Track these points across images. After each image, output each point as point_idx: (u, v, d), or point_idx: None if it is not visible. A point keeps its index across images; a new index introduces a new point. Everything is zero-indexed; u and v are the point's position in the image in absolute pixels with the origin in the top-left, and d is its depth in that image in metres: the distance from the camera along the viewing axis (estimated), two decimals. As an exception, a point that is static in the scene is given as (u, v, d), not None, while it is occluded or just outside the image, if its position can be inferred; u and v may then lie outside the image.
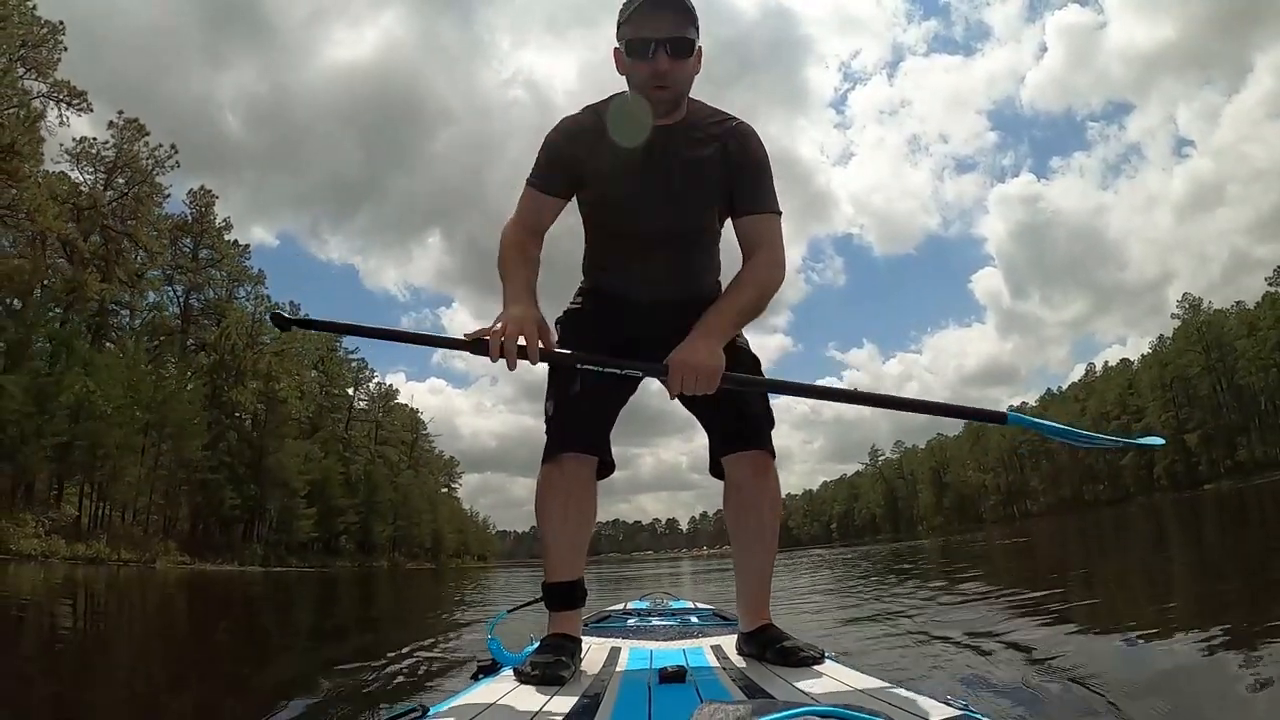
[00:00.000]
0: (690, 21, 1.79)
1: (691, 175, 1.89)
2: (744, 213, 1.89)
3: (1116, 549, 12.17)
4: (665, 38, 1.75)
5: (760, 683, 1.71)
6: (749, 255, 1.87)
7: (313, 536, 53.27)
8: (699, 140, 1.89)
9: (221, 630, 8.23)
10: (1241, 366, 68.85)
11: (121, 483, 36.24)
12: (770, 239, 1.88)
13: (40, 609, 9.67)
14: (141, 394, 37.31)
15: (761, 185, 1.90)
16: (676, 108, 1.85)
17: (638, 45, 1.76)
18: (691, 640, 2.59)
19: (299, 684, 3.87)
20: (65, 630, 7.37)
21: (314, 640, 7.13)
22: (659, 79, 1.76)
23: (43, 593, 13.21)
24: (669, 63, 1.76)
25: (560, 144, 1.91)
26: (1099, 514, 55.00)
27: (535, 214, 1.93)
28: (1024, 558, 14.10)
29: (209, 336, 52.52)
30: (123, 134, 46.96)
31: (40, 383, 29.86)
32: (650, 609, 4.12)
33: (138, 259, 47.84)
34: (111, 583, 19.97)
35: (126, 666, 4.96)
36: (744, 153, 1.89)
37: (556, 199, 1.94)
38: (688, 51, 1.79)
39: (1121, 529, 20.77)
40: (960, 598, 6.76)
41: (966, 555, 16.63)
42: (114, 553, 33.54)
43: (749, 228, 1.88)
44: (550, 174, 1.92)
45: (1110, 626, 4.20)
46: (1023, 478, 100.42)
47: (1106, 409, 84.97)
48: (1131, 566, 8.81)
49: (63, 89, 39.33)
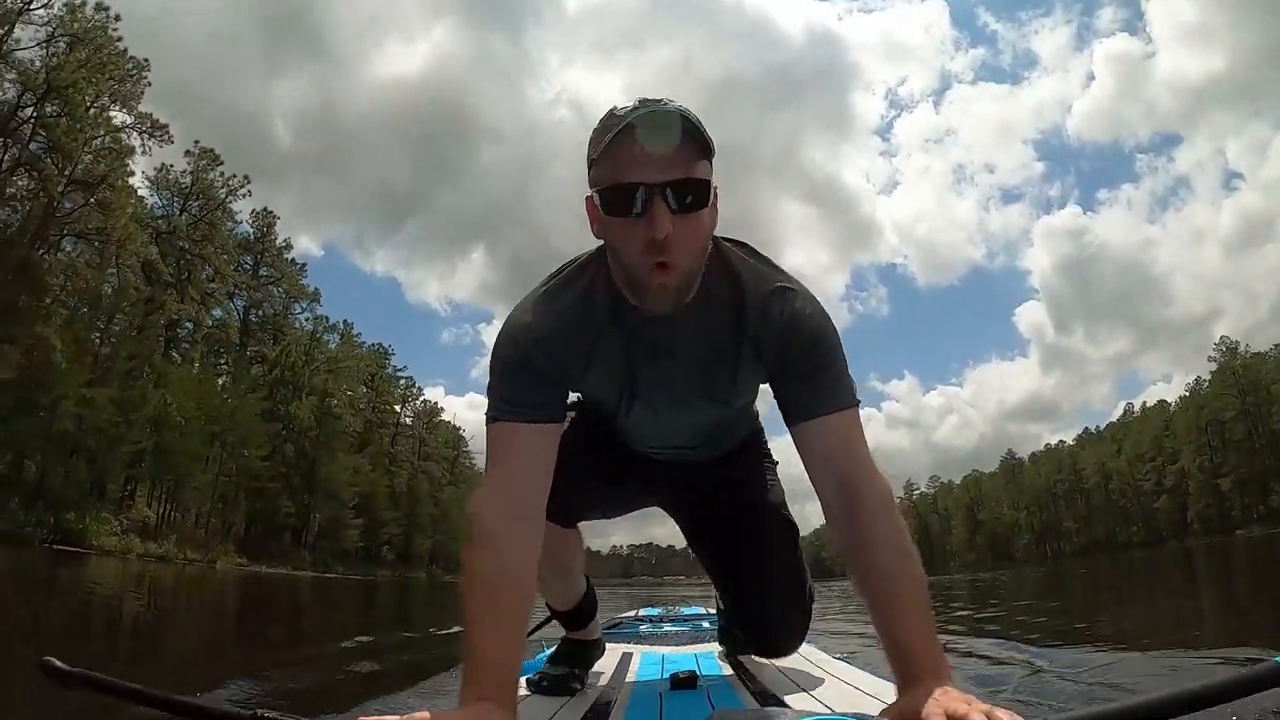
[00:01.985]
0: (702, 150, 1.14)
1: (715, 395, 1.44)
2: (803, 418, 1.28)
3: (1152, 590, 12.68)
4: (666, 181, 1.10)
5: (772, 689, 1.67)
6: (835, 491, 1.24)
7: (358, 545, 55.95)
8: (719, 328, 1.33)
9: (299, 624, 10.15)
10: (1277, 411, 68.06)
11: (189, 488, 39.06)
12: (858, 457, 1.26)
13: (141, 599, 11.87)
14: (210, 406, 40.24)
15: (828, 379, 1.28)
16: (687, 292, 1.22)
17: (621, 194, 1.13)
18: (703, 645, 2.60)
19: (329, 673, 4.48)
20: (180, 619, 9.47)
21: (354, 636, 7.65)
22: (657, 250, 1.12)
23: (131, 585, 15.44)
24: (673, 221, 1.10)
25: (532, 356, 1.28)
26: (1131, 556, 54.56)
27: (527, 466, 1.24)
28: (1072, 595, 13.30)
29: (267, 350, 55.75)
30: (198, 162, 50.53)
31: (125, 395, 32.70)
32: (662, 615, 4.15)
33: (205, 278, 51.29)
34: (182, 579, 22.45)
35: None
36: (792, 343, 1.29)
37: (554, 426, 1.29)
38: (702, 200, 1.14)
39: (1155, 573, 19.94)
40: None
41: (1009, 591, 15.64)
42: (180, 552, 36.32)
43: (818, 441, 1.27)
44: (533, 391, 1.27)
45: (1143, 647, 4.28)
46: (1056, 517, 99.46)
47: (1142, 450, 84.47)
48: (1164, 609, 8.83)
49: (145, 121, 42.74)
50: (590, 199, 1.22)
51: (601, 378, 1.40)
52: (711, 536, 1.94)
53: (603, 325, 1.33)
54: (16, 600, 9.34)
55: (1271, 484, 69.05)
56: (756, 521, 1.80)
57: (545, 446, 1.27)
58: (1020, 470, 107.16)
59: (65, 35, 35.86)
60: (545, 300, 1.33)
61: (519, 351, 1.28)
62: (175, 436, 36.56)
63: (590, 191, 1.22)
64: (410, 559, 65.22)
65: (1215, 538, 65.88)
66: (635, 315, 1.29)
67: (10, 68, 33.96)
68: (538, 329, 1.30)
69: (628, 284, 1.22)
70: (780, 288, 1.31)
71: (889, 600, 1.13)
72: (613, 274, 1.28)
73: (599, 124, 1.17)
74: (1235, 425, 72.17)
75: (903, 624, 1.10)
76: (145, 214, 44.34)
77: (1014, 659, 3.97)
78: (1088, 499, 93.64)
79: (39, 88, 34.36)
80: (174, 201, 48.89)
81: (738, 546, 1.84)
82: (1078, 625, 7.15)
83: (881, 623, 1.13)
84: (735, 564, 1.86)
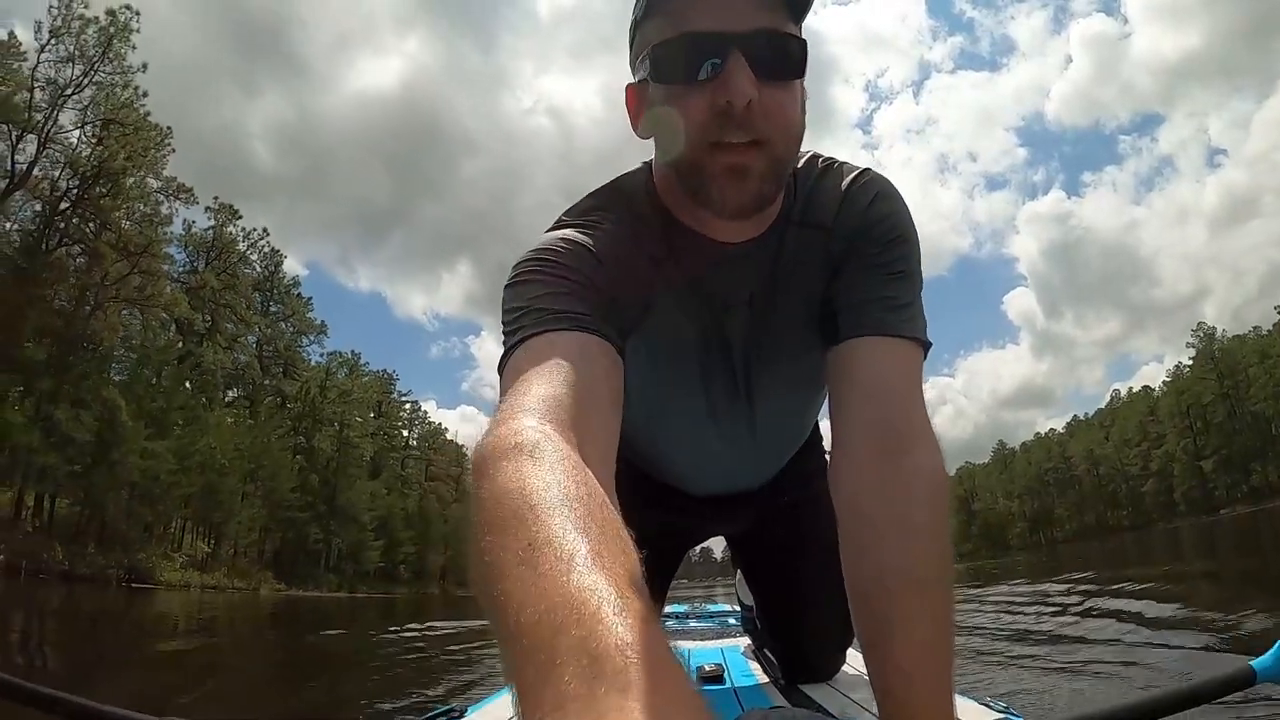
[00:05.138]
0: (796, 5, 0.82)
1: (799, 358, 1.04)
2: (857, 330, 0.92)
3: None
4: (748, 30, 0.79)
5: (800, 684, 1.62)
6: (872, 443, 0.86)
7: (378, 566, 60.32)
8: (809, 260, 0.98)
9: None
10: (1255, 392, 70.39)
11: (232, 522, 43.37)
12: (915, 406, 0.89)
13: (237, 626, 15.36)
14: (246, 447, 44.62)
15: (903, 292, 0.94)
16: (774, 190, 0.87)
17: (682, 49, 0.81)
18: (729, 640, 2.56)
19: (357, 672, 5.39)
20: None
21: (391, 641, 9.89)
22: (733, 125, 0.79)
23: (211, 614, 17.78)
24: (755, 87, 0.78)
25: (575, 265, 0.87)
26: (1122, 539, 55.16)
27: (578, 378, 0.73)
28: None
29: (283, 385, 59.77)
30: (218, 217, 54.74)
31: (179, 445, 37.06)
32: (689, 612, 4.04)
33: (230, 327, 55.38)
34: (246, 606, 25.37)
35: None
36: (872, 230, 0.96)
37: (615, 352, 0.82)
38: (796, 65, 0.83)
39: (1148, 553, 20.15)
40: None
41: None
42: (230, 582, 40.64)
43: (867, 369, 0.90)
44: (579, 304, 0.83)
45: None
46: (1048, 504, 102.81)
47: (1129, 436, 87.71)
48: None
49: (171, 184, 46.83)
50: (631, 87, 0.91)
51: (665, 339, 0.99)
52: (745, 565, 1.75)
53: (661, 261, 0.95)
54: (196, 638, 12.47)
55: (1252, 464, 71.62)
56: (807, 569, 1.45)
57: (611, 369, 0.80)
58: (1012, 460, 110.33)
59: (99, 119, 39.71)
60: (579, 221, 0.93)
61: (555, 257, 0.87)
62: (218, 478, 40.85)
63: (637, 71, 0.89)
64: (424, 576, 69.37)
65: (1201, 518, 68.82)
66: (705, 241, 0.94)
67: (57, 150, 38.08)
68: (584, 237, 0.90)
69: (688, 183, 0.85)
70: (867, 170, 1.00)
71: (907, 620, 0.78)
72: (664, 185, 0.94)
73: None
74: (1216, 408, 74.88)
75: (917, 661, 0.77)
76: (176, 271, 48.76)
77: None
78: (1079, 485, 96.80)
79: (90, 171, 38.40)
80: (198, 256, 53.34)
81: (780, 589, 1.60)
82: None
83: (884, 650, 0.79)
84: (775, 604, 1.66)
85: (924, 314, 0.95)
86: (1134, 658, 3.71)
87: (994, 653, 4.64)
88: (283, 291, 62.29)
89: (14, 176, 34.61)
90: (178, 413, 39.13)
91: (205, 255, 53.20)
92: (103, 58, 37.95)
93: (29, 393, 29.93)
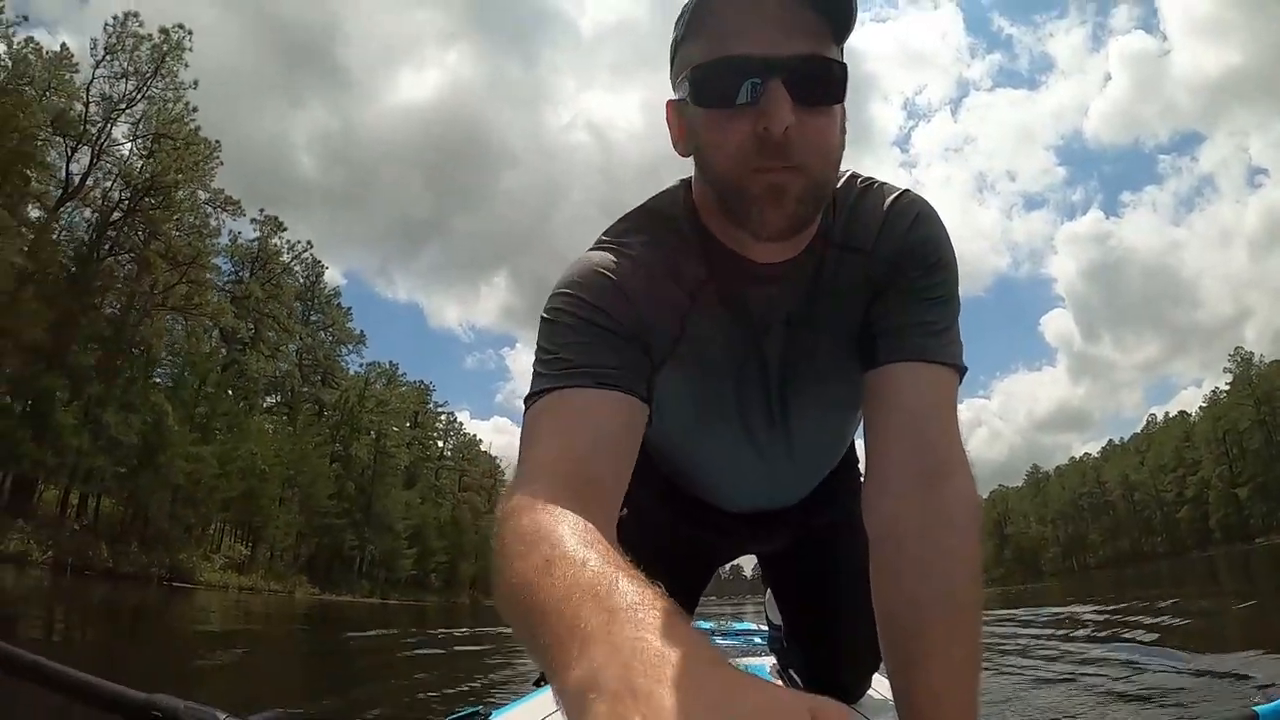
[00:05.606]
0: (839, 26, 0.83)
1: (835, 385, 1.05)
2: (896, 356, 0.94)
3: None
4: (788, 56, 0.80)
5: None
6: (909, 468, 0.89)
7: (410, 573, 61.01)
8: (849, 282, 0.99)
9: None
10: None
11: (271, 526, 44.25)
12: (951, 434, 0.91)
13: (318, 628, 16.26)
14: (286, 453, 45.55)
15: (943, 317, 0.96)
16: (813, 211, 0.88)
17: (720, 73, 0.82)
18: (755, 659, 2.53)
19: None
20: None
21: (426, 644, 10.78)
22: (770, 151, 0.81)
23: (254, 613, 19.35)
24: (793, 113, 0.79)
25: (610, 305, 0.89)
26: (1157, 566, 55.36)
27: (596, 438, 0.80)
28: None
29: (321, 394, 60.85)
30: (264, 229, 56.09)
31: (222, 450, 37.97)
32: (714, 629, 4.00)
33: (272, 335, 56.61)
34: (276, 606, 26.37)
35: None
36: (913, 255, 0.97)
37: (639, 405, 0.86)
38: (836, 91, 0.84)
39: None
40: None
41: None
42: (266, 584, 41.43)
43: (904, 394, 0.93)
44: (609, 353, 0.86)
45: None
46: (1082, 530, 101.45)
47: (1164, 461, 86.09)
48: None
49: (219, 197, 48.08)
50: (671, 104, 0.92)
51: (701, 360, 1.00)
52: (776, 584, 1.74)
53: (699, 281, 0.96)
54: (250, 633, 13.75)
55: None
56: (839, 592, 1.42)
57: (628, 423, 0.84)
58: (1046, 484, 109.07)
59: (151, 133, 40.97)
60: (615, 246, 0.95)
61: (588, 295, 0.89)
62: (259, 483, 41.74)
63: (677, 90, 0.89)
64: (455, 585, 69.93)
65: (1236, 545, 67.55)
66: (744, 262, 0.94)
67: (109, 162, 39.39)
68: (616, 270, 0.92)
69: (728, 204, 0.87)
70: (907, 192, 0.99)
71: (937, 645, 0.81)
72: (703, 204, 0.95)
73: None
74: (1253, 434, 73.16)
75: (945, 686, 0.80)
76: (221, 280, 50.05)
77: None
78: (1113, 511, 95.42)
79: (143, 184, 39.65)
80: (243, 266, 54.64)
81: (810, 610, 1.59)
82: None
83: (912, 674, 0.82)
84: (804, 625, 1.65)
85: (960, 339, 0.98)
86: (1145, 684, 3.75)
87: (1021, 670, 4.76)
88: (323, 301, 63.46)
89: (68, 186, 35.81)
90: (221, 419, 40.14)
91: (250, 265, 54.49)
92: (155, 74, 39.17)
93: (77, 396, 30.89)
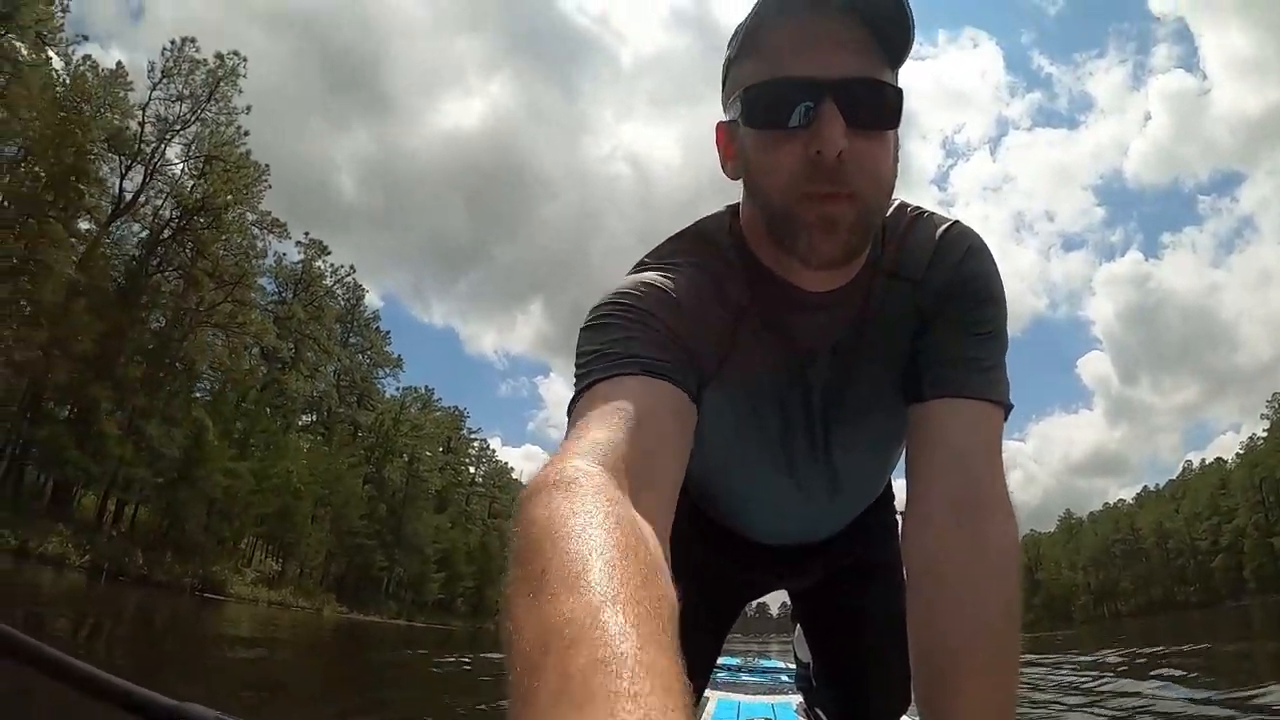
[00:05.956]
0: (896, 51, 0.82)
1: (878, 417, 1.02)
2: (944, 391, 0.91)
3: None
4: (842, 79, 0.78)
5: None
6: (951, 506, 0.85)
7: (437, 597, 61.13)
8: (897, 313, 0.96)
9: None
10: None
11: (303, 544, 44.70)
12: (995, 473, 0.88)
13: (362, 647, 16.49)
14: (321, 473, 46.13)
15: (990, 353, 0.94)
16: (863, 241, 0.86)
17: (772, 95, 0.81)
18: (781, 696, 2.57)
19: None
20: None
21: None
22: (823, 176, 0.79)
23: (284, 628, 19.67)
24: (846, 137, 0.78)
25: (655, 312, 0.86)
26: (1189, 615, 54.67)
27: (645, 424, 0.72)
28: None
29: (358, 416, 61.66)
30: (308, 251, 57.38)
31: (259, 467, 38.59)
32: (741, 665, 3.99)
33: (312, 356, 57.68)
34: (313, 625, 26.57)
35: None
36: (964, 289, 0.94)
37: (689, 401, 0.82)
38: (891, 115, 0.82)
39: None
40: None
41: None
42: (295, 600, 41.76)
43: (949, 431, 0.89)
44: (658, 349, 0.82)
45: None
46: (1114, 577, 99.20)
47: (1199, 509, 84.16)
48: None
49: (266, 219, 49.30)
50: (721, 125, 0.90)
51: (745, 382, 0.97)
52: (807, 621, 1.68)
53: (744, 307, 0.94)
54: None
55: (1325, 541, 67.75)
56: (872, 632, 1.37)
57: (678, 412, 0.79)
58: (1079, 530, 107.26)
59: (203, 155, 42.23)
60: (660, 265, 0.93)
61: (633, 301, 0.86)
62: (293, 500, 42.28)
63: (728, 112, 0.88)
64: (481, 611, 69.89)
65: (1271, 595, 65.57)
66: (791, 289, 0.92)
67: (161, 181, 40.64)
68: (663, 283, 0.89)
69: (778, 230, 0.85)
70: (958, 223, 0.97)
71: (971, 687, 0.78)
72: (751, 229, 0.93)
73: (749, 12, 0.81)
74: None
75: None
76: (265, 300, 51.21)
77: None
78: (1146, 559, 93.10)
79: (193, 204, 40.85)
80: (286, 287, 55.91)
81: (842, 649, 1.53)
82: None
83: (945, 716, 0.78)
84: (835, 664, 1.59)
85: (1008, 376, 0.96)
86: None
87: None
88: (362, 325, 64.59)
89: (120, 202, 37.00)
90: (259, 436, 40.82)
91: (294, 287, 55.71)
92: (210, 98, 40.51)
93: (121, 406, 31.64)
